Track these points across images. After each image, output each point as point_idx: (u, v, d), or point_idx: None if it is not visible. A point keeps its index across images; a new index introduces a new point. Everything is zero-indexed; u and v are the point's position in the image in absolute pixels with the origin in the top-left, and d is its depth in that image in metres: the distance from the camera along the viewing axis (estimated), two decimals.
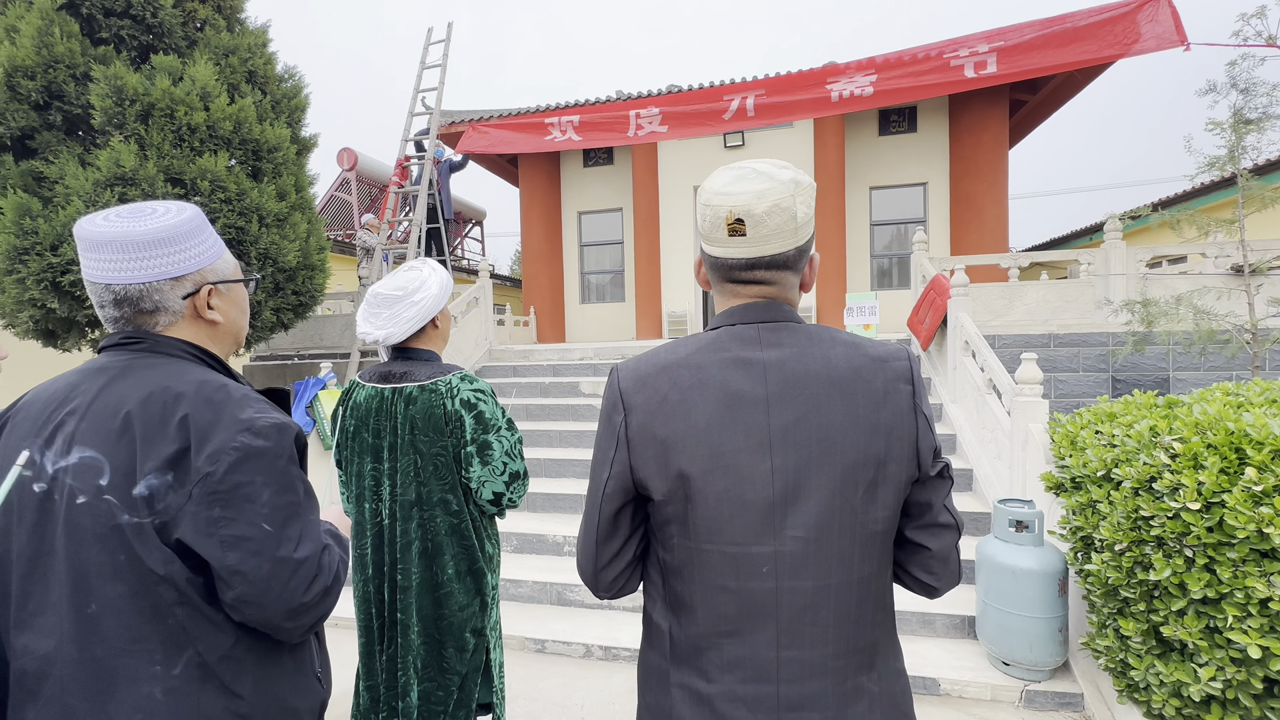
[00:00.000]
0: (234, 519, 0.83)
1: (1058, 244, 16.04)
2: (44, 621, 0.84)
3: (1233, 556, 1.91)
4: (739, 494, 0.83)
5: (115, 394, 0.86)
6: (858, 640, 0.85)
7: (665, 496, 0.86)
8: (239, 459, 0.84)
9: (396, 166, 7.57)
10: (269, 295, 5.15)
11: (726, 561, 0.84)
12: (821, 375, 0.84)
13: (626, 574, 0.95)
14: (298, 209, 5.41)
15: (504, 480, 1.61)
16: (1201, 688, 2.00)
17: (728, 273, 0.90)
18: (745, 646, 0.85)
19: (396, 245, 7.43)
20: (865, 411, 0.83)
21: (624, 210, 12.17)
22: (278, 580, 0.85)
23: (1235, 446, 2.01)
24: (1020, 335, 5.37)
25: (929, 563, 0.91)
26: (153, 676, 0.84)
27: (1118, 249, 5.28)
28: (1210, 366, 5.05)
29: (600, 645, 3.09)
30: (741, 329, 0.88)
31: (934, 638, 3.00)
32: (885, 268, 11.05)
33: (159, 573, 0.83)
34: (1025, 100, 10.95)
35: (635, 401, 0.88)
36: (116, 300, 0.90)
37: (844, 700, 0.84)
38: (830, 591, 0.83)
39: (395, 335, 1.63)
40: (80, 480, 0.83)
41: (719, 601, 0.85)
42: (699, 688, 0.87)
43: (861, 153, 10.97)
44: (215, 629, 0.87)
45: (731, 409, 0.84)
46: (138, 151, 4.43)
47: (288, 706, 0.94)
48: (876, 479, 0.83)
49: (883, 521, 0.85)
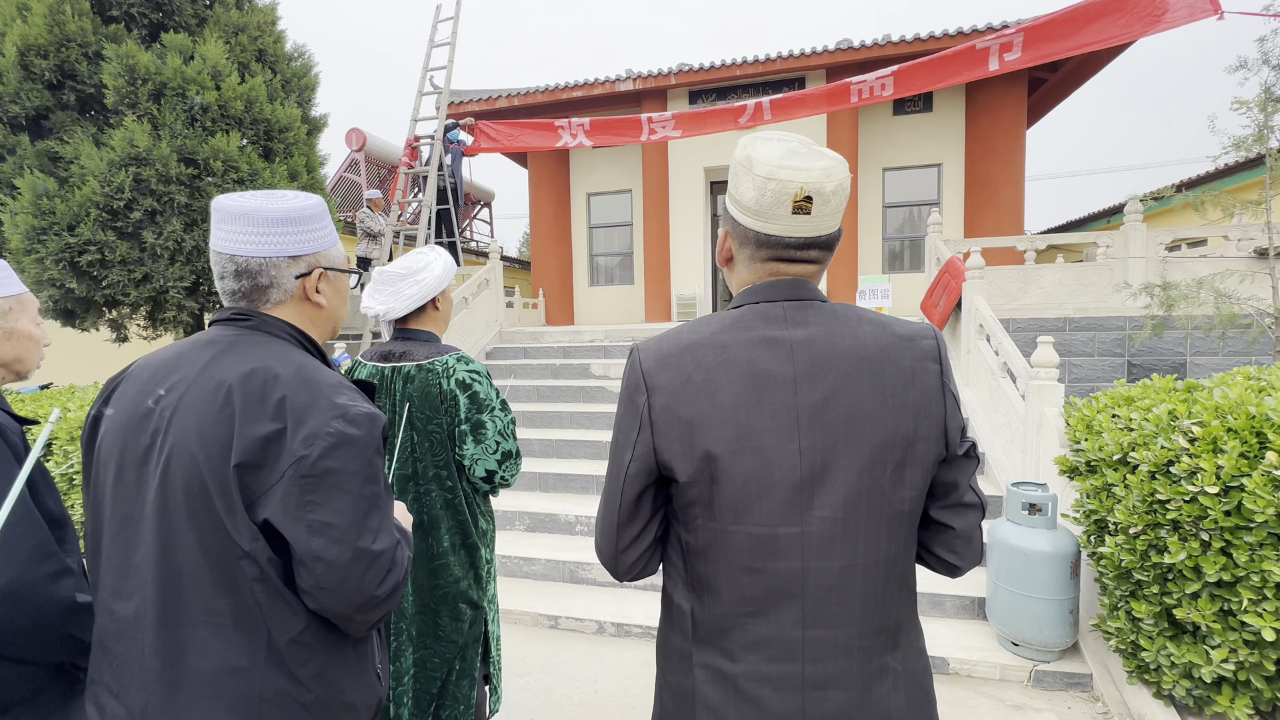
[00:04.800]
0: (322, 504, 0.84)
1: (1074, 227, 15.76)
2: (128, 584, 0.87)
3: (1250, 540, 1.90)
4: (766, 475, 0.81)
5: (220, 367, 0.88)
6: (883, 620, 0.85)
7: (690, 478, 0.83)
8: (333, 445, 0.85)
9: (406, 147, 7.53)
10: None
11: (753, 542, 0.83)
12: (850, 354, 0.83)
13: (646, 556, 0.93)
14: (309, 189, 5.41)
15: (496, 459, 1.66)
16: (1213, 669, 2.01)
17: (779, 251, 0.86)
18: (770, 626, 0.84)
19: (406, 226, 7.42)
20: (894, 391, 0.82)
21: (633, 192, 12.05)
22: (356, 571, 0.85)
23: (1256, 430, 1.99)
24: (1035, 319, 5.31)
25: (953, 542, 0.91)
26: (221, 651, 0.85)
27: (1137, 231, 5.19)
28: (1229, 351, 4.98)
29: (613, 622, 3.14)
30: (766, 307, 0.87)
31: (944, 618, 3.03)
32: (897, 251, 10.91)
33: (244, 548, 0.84)
34: (1045, 79, 10.65)
35: (659, 382, 0.86)
36: (237, 272, 0.94)
37: (869, 679, 0.84)
38: (857, 572, 0.83)
39: (395, 310, 1.67)
40: (178, 449, 0.85)
41: (744, 582, 0.84)
42: (722, 667, 0.86)
43: (875, 133, 10.75)
44: (289, 611, 0.87)
45: (759, 388, 0.82)
46: (151, 131, 4.44)
47: (346, 700, 0.94)
48: (905, 459, 0.82)
49: (910, 501, 0.84)
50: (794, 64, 9.70)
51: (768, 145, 0.84)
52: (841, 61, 9.34)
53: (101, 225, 4.39)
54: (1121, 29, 5.09)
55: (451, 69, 7.50)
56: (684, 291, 10.90)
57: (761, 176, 0.82)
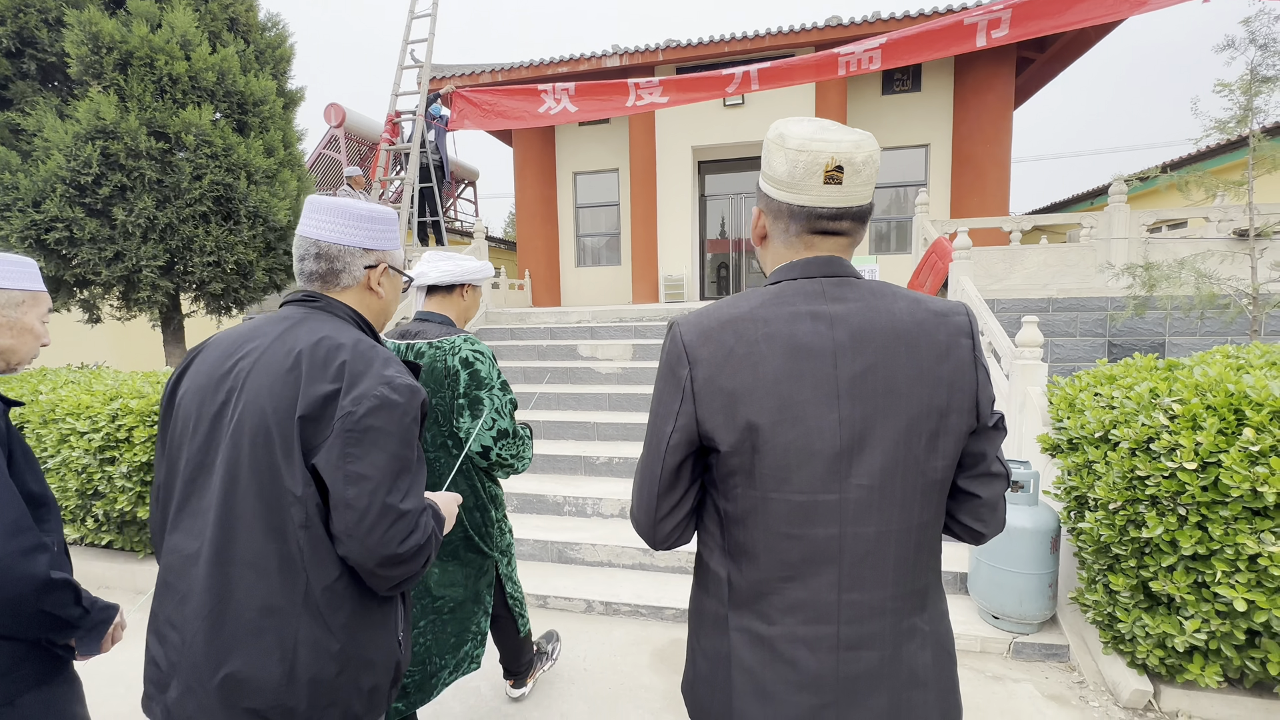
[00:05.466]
0: (360, 458, 0.95)
1: (1058, 209, 15.89)
2: (193, 524, 0.99)
3: (1225, 514, 1.95)
4: (807, 444, 0.84)
5: (292, 337, 1.02)
6: (914, 583, 0.89)
7: (732, 448, 0.86)
8: (376, 406, 0.96)
9: (387, 123, 7.35)
10: (260, 255, 5.05)
11: (792, 509, 0.86)
12: (886, 329, 0.85)
13: (683, 526, 0.97)
14: (287, 165, 5.26)
15: (492, 436, 1.76)
16: (1186, 639, 2.07)
17: (813, 223, 0.89)
18: (807, 590, 0.87)
19: (389, 205, 7.26)
20: (929, 364, 0.85)
21: (620, 171, 11.91)
22: (381, 524, 0.94)
23: (1234, 408, 2.02)
24: (1020, 300, 5.36)
25: (979, 510, 0.94)
26: (264, 593, 0.95)
27: (1121, 212, 5.23)
28: (1206, 331, 5.07)
29: (601, 601, 3.16)
30: (805, 283, 0.89)
31: None
32: (883, 232, 10.93)
33: (296, 493, 0.95)
34: (1033, 58, 10.64)
35: (701, 355, 0.87)
36: (319, 255, 1.09)
37: (899, 639, 0.88)
38: (891, 537, 0.86)
39: (429, 276, 1.84)
40: (250, 405, 0.97)
41: (783, 548, 0.87)
42: (759, 630, 0.89)
43: (864, 112, 10.70)
44: (327, 558, 0.97)
45: (799, 360, 0.84)
46: (118, 103, 4.27)
47: (366, 656, 1.02)
48: (938, 429, 0.86)
49: (942, 470, 0.88)
50: (783, 40, 9.57)
51: (799, 123, 0.87)
52: (831, 38, 9.22)
53: (69, 201, 4.23)
54: (1109, 8, 5.08)
55: (433, 41, 7.29)
56: (671, 273, 10.83)
57: (794, 149, 0.85)
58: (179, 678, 0.97)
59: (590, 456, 4.35)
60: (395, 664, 1.08)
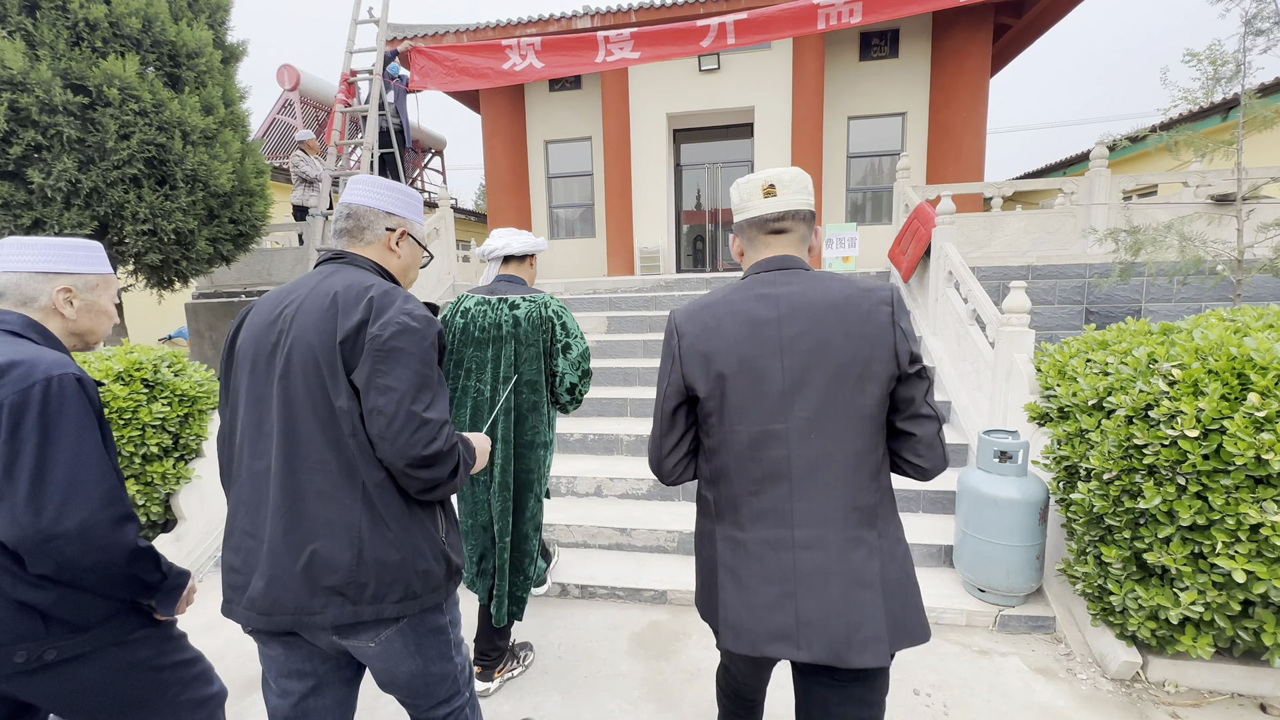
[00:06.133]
0: (387, 373, 1.12)
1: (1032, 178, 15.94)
2: (260, 447, 1.16)
3: (1227, 483, 1.86)
4: (759, 387, 1.14)
5: (328, 284, 1.19)
6: (855, 500, 1.14)
7: (708, 393, 1.18)
8: (398, 330, 1.13)
9: (341, 83, 6.86)
10: (202, 223, 4.66)
11: (752, 437, 1.15)
12: (821, 301, 1.15)
13: (684, 463, 1.27)
14: (229, 126, 4.84)
15: (579, 374, 2.18)
16: (1181, 611, 2.01)
17: (764, 226, 1.22)
18: (768, 500, 1.15)
19: (346, 172, 6.83)
20: (854, 326, 1.13)
21: (593, 139, 11.49)
22: (407, 428, 1.11)
23: (1238, 372, 1.93)
24: (1000, 267, 5.28)
25: (917, 446, 1.18)
26: (330, 491, 1.13)
27: (1102, 177, 5.16)
28: (1182, 298, 5.07)
29: (577, 584, 3.01)
30: (762, 275, 1.21)
31: None
32: (860, 203, 10.79)
33: (343, 407, 1.13)
34: (1009, 24, 10.48)
35: (686, 329, 1.21)
36: (349, 214, 1.29)
37: (845, 545, 1.12)
38: (830, 458, 1.13)
39: (512, 246, 2.24)
40: (298, 340, 1.14)
41: (747, 469, 1.16)
42: (735, 535, 1.19)
43: (841, 79, 10.45)
44: (373, 461, 1.15)
45: (753, 328, 1.16)
46: (26, 51, 3.81)
47: (417, 544, 1.19)
48: (863, 375, 1.12)
49: (869, 407, 1.13)
50: None
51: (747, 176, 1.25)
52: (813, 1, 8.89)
53: None
54: None
55: None
56: (647, 245, 10.56)
57: (742, 183, 1.25)
58: (260, 572, 1.14)
59: (563, 433, 4.18)
60: (444, 554, 1.25)
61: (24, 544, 1.07)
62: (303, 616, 1.13)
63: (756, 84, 9.98)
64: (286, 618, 1.13)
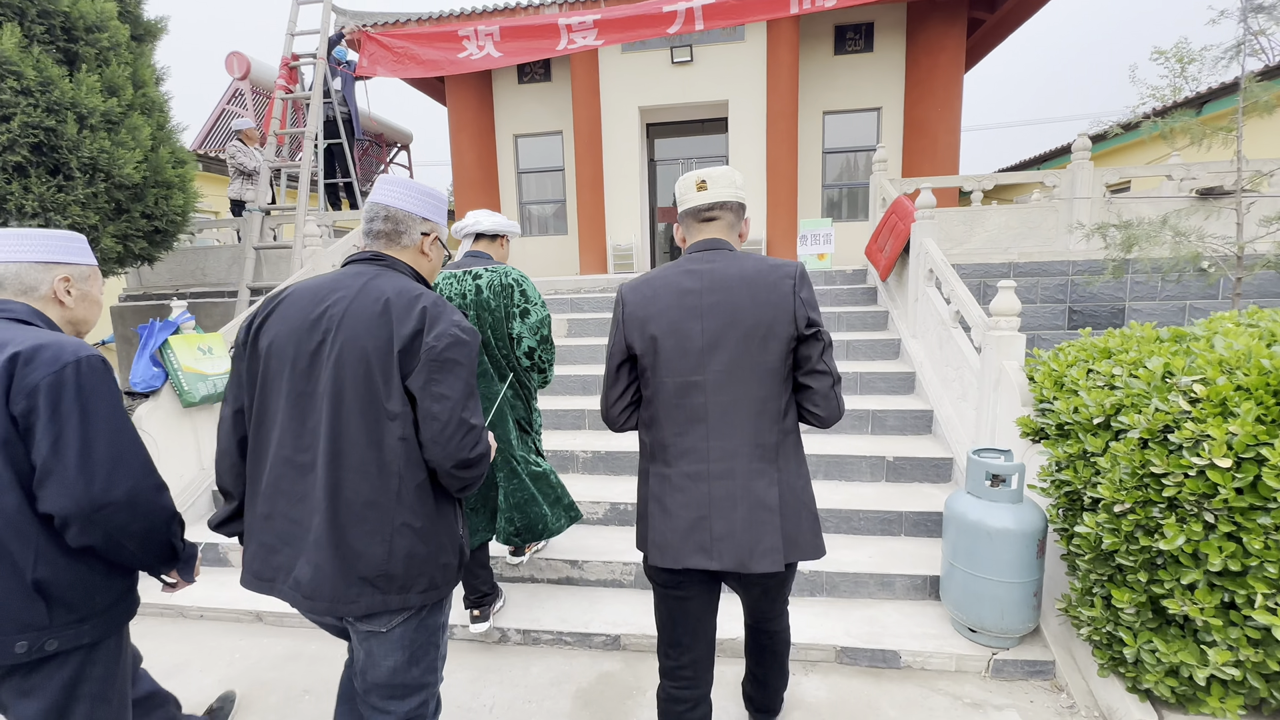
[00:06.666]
0: (441, 380, 1.24)
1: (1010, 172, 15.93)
2: (303, 441, 1.26)
3: (1266, 523, 1.56)
4: (683, 345, 1.44)
5: (376, 287, 1.28)
6: (759, 439, 1.43)
7: (643, 350, 1.47)
8: (452, 342, 1.26)
9: (282, 67, 6.36)
10: (107, 218, 4.16)
11: (677, 387, 1.45)
12: (736, 275, 1.44)
13: (628, 412, 1.56)
14: (140, 110, 4.34)
15: (536, 340, 2.35)
16: (1209, 671, 1.71)
17: (697, 214, 1.53)
18: (690, 440, 1.45)
19: (288, 163, 6.32)
20: (761, 294, 1.42)
21: (564, 133, 11.09)
22: (458, 433, 1.24)
23: (1274, 390, 1.64)
24: (981, 264, 5.04)
25: (814, 398, 1.45)
26: (367, 491, 1.24)
27: (1085, 170, 4.94)
28: (1166, 295, 4.88)
29: (518, 629, 2.64)
30: (693, 255, 1.52)
31: (892, 600, 2.70)
32: (835, 200, 10.58)
33: (394, 410, 1.23)
34: (983, 19, 10.41)
35: (630, 299, 1.51)
36: (386, 217, 1.38)
37: (749, 475, 1.43)
38: (740, 404, 1.43)
39: (483, 224, 2.39)
40: (349, 343, 1.23)
41: (674, 415, 1.46)
42: (663, 471, 1.49)
43: (816, 74, 10.26)
44: (419, 463, 1.27)
45: (681, 297, 1.45)
46: None
47: (441, 540, 1.32)
48: (767, 335, 1.41)
49: (772, 362, 1.42)
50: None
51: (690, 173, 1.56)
52: None
53: None
54: None
55: None
56: (620, 242, 10.20)
57: (681, 180, 1.59)
58: (305, 557, 1.24)
59: None
60: (460, 548, 1.37)
61: (78, 513, 1.14)
62: (339, 605, 1.23)
63: (730, 77, 9.70)
64: (324, 604, 1.23)
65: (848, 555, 2.86)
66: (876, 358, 4.39)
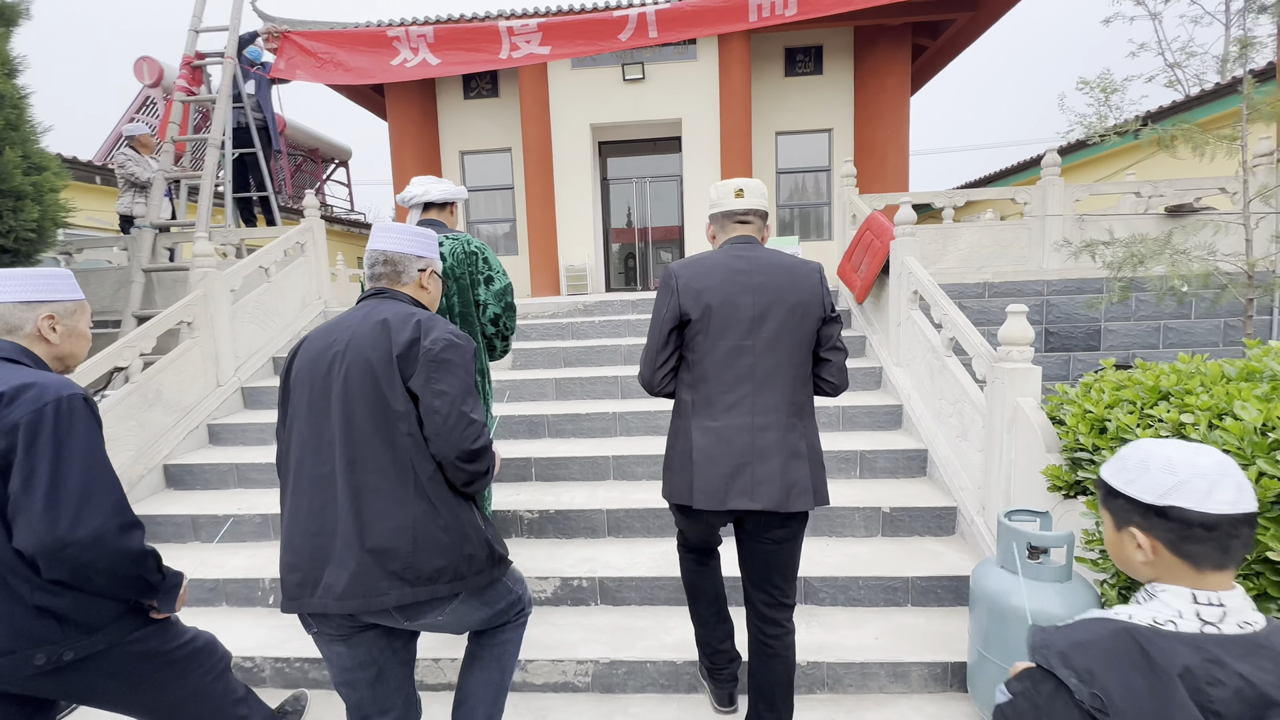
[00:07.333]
0: (440, 379, 1.36)
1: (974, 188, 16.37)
2: (321, 454, 1.37)
3: None
4: (736, 315, 1.71)
5: (377, 313, 1.43)
6: (794, 398, 1.75)
7: (698, 316, 1.72)
8: (447, 345, 1.39)
9: (183, 67, 5.62)
10: None
11: (728, 350, 1.72)
12: (777, 264, 1.76)
13: (669, 376, 1.81)
14: None
15: (501, 306, 2.46)
16: None
17: (733, 216, 1.84)
18: (736, 397, 1.71)
19: (188, 174, 5.54)
20: (799, 282, 1.74)
21: (513, 150, 10.65)
22: (459, 425, 1.35)
23: None
24: (954, 284, 4.77)
25: (831, 370, 1.80)
26: (387, 489, 1.34)
27: (1056, 186, 4.77)
28: (1140, 316, 4.73)
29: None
30: (733, 246, 1.81)
31: (908, 694, 2.22)
32: (786, 220, 10.48)
33: (399, 409, 1.35)
34: (926, 46, 10.70)
35: (682, 274, 1.76)
36: (385, 260, 1.55)
37: (786, 428, 1.72)
38: (782, 368, 1.72)
39: (431, 193, 2.46)
40: (354, 357, 1.37)
41: (723, 375, 1.72)
42: (709, 424, 1.73)
43: (768, 94, 10.27)
44: (426, 456, 1.38)
45: (733, 275, 1.73)
46: None
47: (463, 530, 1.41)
48: (804, 315, 1.73)
49: (805, 336, 1.75)
50: None
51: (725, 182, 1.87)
52: None
53: None
54: None
55: None
56: (573, 262, 9.73)
57: (719, 184, 1.87)
58: (334, 560, 1.33)
59: None
60: (487, 542, 1.46)
61: (42, 551, 1.18)
62: (371, 600, 1.30)
63: (683, 95, 9.49)
64: (357, 601, 1.30)
65: (850, 637, 2.37)
66: (857, 388, 4.00)
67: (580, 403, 4.12)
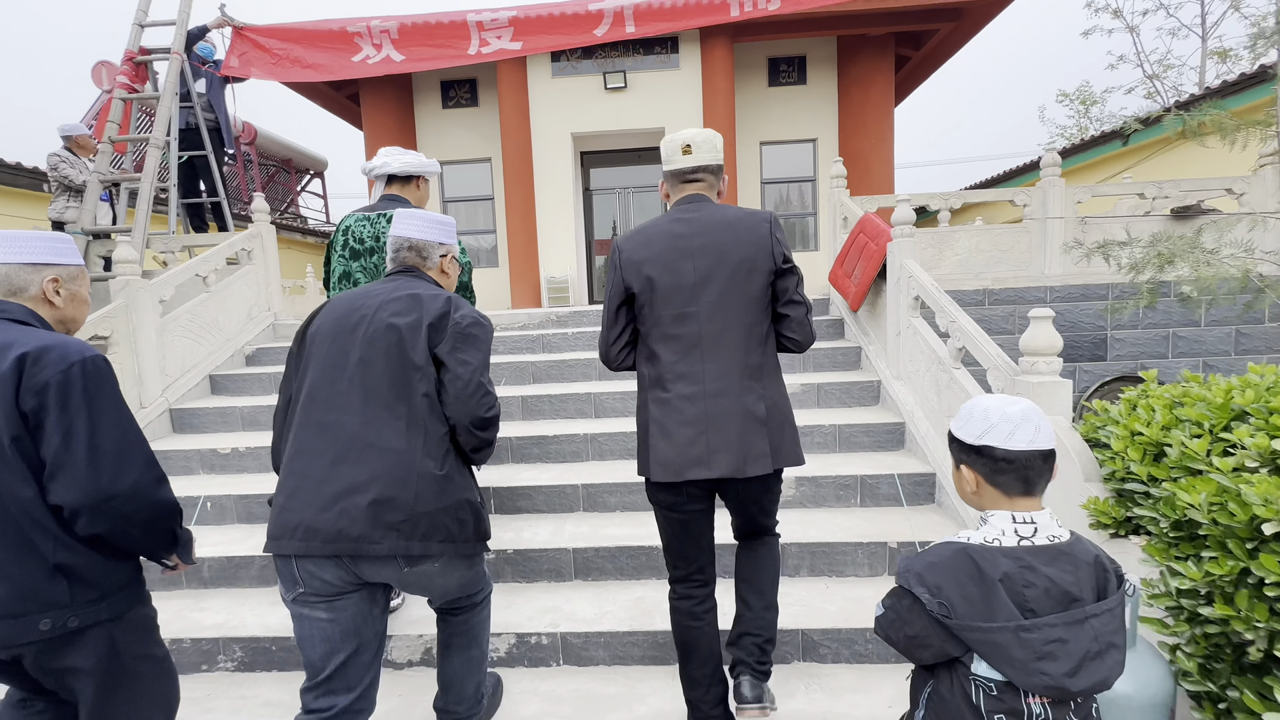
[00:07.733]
0: (465, 350, 1.50)
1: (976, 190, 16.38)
2: (337, 402, 1.45)
3: None
4: (677, 282, 1.67)
5: (407, 288, 1.56)
6: (747, 360, 1.68)
7: (640, 289, 1.70)
8: (474, 322, 1.54)
9: (124, 62, 5.23)
10: None
11: (673, 318, 1.68)
12: (720, 220, 1.70)
13: (626, 351, 1.81)
14: None
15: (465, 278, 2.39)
16: None
17: (682, 175, 1.77)
18: (686, 365, 1.68)
19: (127, 176, 5.12)
20: (743, 235, 1.68)
21: (493, 160, 10.37)
22: (477, 393, 1.48)
23: None
24: (952, 292, 4.44)
25: (791, 325, 1.74)
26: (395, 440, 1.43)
27: (1056, 188, 4.52)
28: (1149, 324, 4.47)
29: None
30: (680, 207, 1.76)
31: None
32: None
33: (419, 367, 1.46)
34: (909, 56, 10.66)
35: (625, 247, 1.75)
36: (410, 247, 1.67)
37: (740, 392, 1.66)
38: (729, 330, 1.67)
39: (391, 165, 2.35)
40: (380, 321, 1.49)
41: (671, 345, 1.69)
42: (661, 396, 1.70)
43: (752, 104, 10.13)
44: (439, 418, 1.49)
45: (672, 240, 1.70)
46: None
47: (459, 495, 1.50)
48: (751, 270, 1.67)
49: (755, 293, 1.68)
50: None
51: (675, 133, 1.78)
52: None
53: None
54: None
55: None
56: (555, 274, 9.40)
57: (665, 141, 1.77)
58: (323, 506, 1.38)
59: None
60: (476, 511, 1.55)
61: (88, 504, 1.21)
62: (364, 546, 1.37)
63: (665, 105, 9.27)
64: (348, 544, 1.37)
65: (859, 705, 1.99)
66: (853, 404, 3.66)
67: (549, 423, 3.74)
